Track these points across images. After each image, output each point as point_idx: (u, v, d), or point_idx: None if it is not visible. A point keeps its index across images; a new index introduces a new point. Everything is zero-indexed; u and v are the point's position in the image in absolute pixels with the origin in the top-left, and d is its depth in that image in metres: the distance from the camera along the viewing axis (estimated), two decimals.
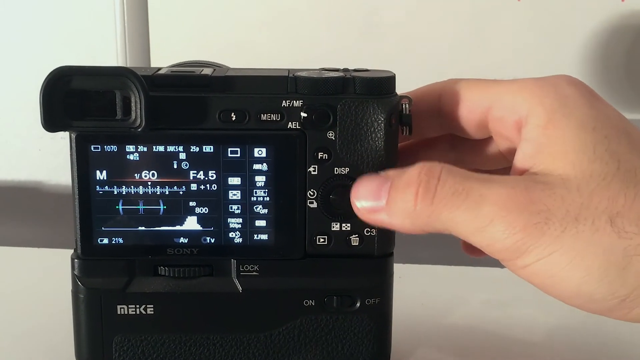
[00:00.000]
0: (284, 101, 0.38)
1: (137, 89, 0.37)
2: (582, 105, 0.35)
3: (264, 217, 0.40)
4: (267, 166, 0.39)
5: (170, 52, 0.68)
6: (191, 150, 0.39)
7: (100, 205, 0.39)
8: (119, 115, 0.38)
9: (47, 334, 0.49)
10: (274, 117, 0.39)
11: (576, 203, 0.33)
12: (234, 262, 0.41)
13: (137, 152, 0.39)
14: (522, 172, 0.36)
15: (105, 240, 0.40)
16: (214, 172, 0.39)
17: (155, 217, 0.40)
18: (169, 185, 0.39)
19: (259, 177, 0.39)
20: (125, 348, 0.41)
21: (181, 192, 0.39)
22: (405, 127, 0.39)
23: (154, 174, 0.39)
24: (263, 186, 0.40)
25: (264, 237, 0.40)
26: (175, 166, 0.39)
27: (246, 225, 0.40)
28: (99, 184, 0.39)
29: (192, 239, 0.40)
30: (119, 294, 0.41)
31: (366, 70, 0.40)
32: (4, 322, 0.52)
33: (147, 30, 0.69)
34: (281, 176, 0.39)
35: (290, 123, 0.39)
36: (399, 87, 0.40)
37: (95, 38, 0.70)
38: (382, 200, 0.37)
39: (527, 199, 0.33)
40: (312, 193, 0.40)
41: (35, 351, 0.47)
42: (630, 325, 0.35)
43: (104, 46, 0.70)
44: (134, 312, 0.41)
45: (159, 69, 0.40)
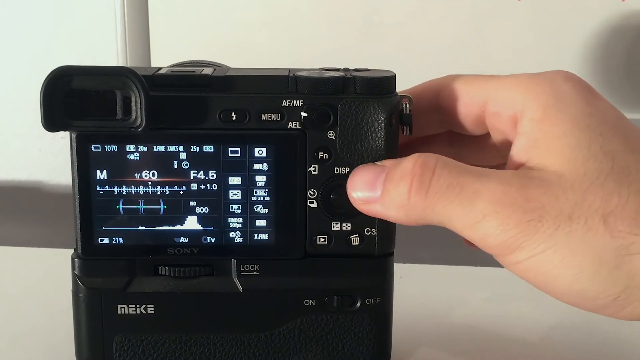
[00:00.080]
0: (284, 101, 0.38)
1: (138, 88, 0.37)
2: (578, 101, 0.35)
3: (264, 216, 0.40)
4: (267, 166, 0.39)
5: (171, 52, 0.68)
6: (191, 150, 0.39)
7: (101, 205, 0.39)
8: (119, 115, 0.38)
9: (47, 334, 0.49)
10: (274, 116, 0.39)
11: (570, 201, 0.33)
12: (234, 261, 0.41)
13: (138, 151, 0.39)
14: (518, 166, 0.36)
15: (106, 240, 0.40)
16: (215, 171, 0.39)
17: (155, 216, 0.40)
18: (169, 185, 0.39)
19: (259, 176, 0.39)
20: (126, 348, 0.41)
21: (181, 192, 0.39)
22: (405, 127, 0.39)
23: (155, 174, 0.39)
24: (263, 186, 0.40)
25: (264, 236, 0.40)
26: (175, 166, 0.39)
27: (246, 225, 0.40)
28: (100, 183, 0.39)
29: (192, 238, 0.40)
30: (119, 293, 0.41)
31: (366, 70, 0.40)
32: (4, 322, 0.52)
33: (148, 30, 0.69)
34: (281, 176, 0.39)
35: (290, 123, 0.39)
36: (399, 87, 0.40)
37: (96, 38, 0.70)
38: (377, 191, 0.37)
39: (521, 196, 0.33)
40: (312, 193, 0.40)
41: (35, 351, 0.47)
42: (630, 325, 0.35)
43: (104, 46, 0.69)
44: (134, 312, 0.41)
45: (159, 68, 0.40)
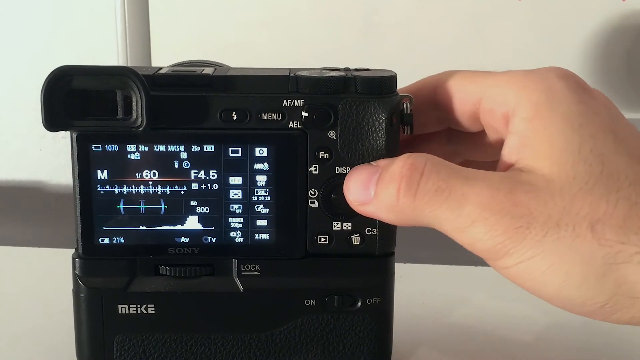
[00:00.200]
0: (285, 100, 0.38)
1: (138, 88, 0.37)
2: (570, 100, 0.35)
3: (265, 216, 0.40)
4: (268, 166, 0.39)
5: (171, 52, 0.68)
6: (192, 149, 0.39)
7: (101, 204, 0.39)
8: (120, 115, 0.38)
9: (48, 334, 0.49)
10: (275, 116, 0.39)
11: (558, 207, 0.33)
12: (235, 261, 0.41)
13: (138, 151, 0.39)
14: (508, 166, 0.36)
15: (106, 240, 0.40)
16: (215, 171, 0.39)
17: (156, 216, 0.40)
18: (170, 184, 0.39)
19: (260, 176, 0.39)
20: (127, 348, 0.41)
21: (182, 192, 0.39)
22: (406, 127, 0.39)
23: (155, 174, 0.39)
24: (264, 185, 0.40)
25: (265, 236, 0.40)
26: (176, 165, 0.39)
27: (247, 224, 0.40)
28: (100, 183, 0.39)
29: (193, 238, 0.40)
30: (120, 293, 0.41)
31: (367, 69, 0.40)
32: (4, 322, 0.51)
33: (148, 30, 0.69)
34: (282, 175, 0.39)
35: (291, 122, 0.39)
36: (399, 87, 0.40)
37: (96, 38, 0.70)
38: (370, 192, 0.37)
39: (509, 201, 0.33)
40: (313, 192, 0.40)
41: (35, 351, 0.47)
42: (630, 325, 0.35)
43: (104, 46, 0.69)
44: (135, 312, 0.41)
45: (160, 68, 0.40)
